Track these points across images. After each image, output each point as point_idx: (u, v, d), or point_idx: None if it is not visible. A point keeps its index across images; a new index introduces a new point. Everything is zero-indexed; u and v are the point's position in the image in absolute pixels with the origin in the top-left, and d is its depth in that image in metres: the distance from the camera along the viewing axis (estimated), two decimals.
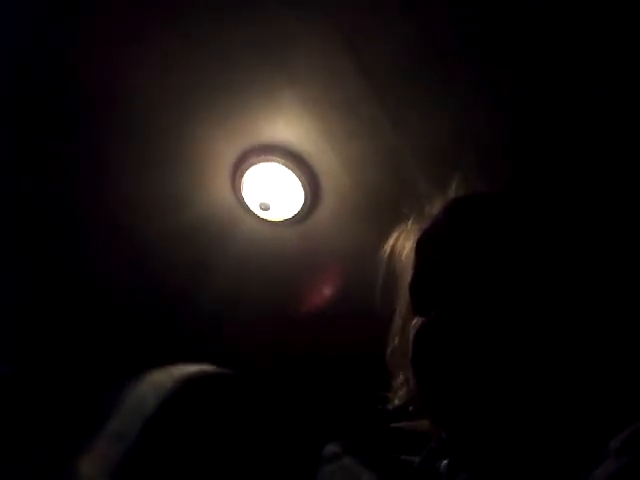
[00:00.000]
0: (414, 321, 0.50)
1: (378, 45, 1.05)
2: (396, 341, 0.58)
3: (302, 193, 1.34)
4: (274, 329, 1.59)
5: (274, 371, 1.44)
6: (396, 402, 0.56)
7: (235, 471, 0.43)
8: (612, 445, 0.33)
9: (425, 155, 1.20)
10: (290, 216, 1.39)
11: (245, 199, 1.36)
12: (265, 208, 1.35)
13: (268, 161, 1.29)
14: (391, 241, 0.64)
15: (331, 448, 0.50)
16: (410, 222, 0.62)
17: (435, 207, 0.58)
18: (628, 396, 0.40)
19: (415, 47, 1.05)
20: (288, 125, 1.21)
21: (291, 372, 1.58)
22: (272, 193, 1.34)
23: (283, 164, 1.29)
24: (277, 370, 1.51)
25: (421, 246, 0.54)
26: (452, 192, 0.60)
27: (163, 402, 0.40)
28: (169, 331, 1.61)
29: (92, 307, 1.60)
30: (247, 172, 1.31)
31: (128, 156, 1.30)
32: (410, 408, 0.55)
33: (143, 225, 1.42)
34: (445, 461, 0.47)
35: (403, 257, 0.60)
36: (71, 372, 1.60)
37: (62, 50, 1.13)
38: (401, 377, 0.57)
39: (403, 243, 0.61)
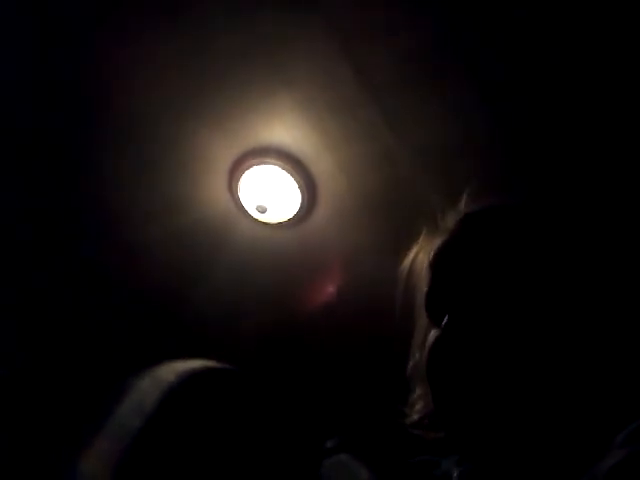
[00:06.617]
0: (429, 335, 0.51)
1: (375, 48, 1.07)
2: (417, 356, 0.59)
3: (299, 195, 1.34)
4: (272, 330, 1.59)
5: (271, 370, 1.43)
6: (414, 417, 0.57)
7: (237, 468, 0.43)
8: (617, 440, 0.35)
9: (422, 158, 1.21)
10: (287, 219, 1.39)
11: (242, 202, 1.37)
12: (262, 211, 1.35)
13: (265, 164, 1.29)
14: (410, 256, 0.65)
15: (329, 443, 0.51)
16: (423, 237, 0.63)
17: (448, 221, 0.59)
18: (634, 397, 0.41)
19: (412, 50, 1.06)
20: (285, 128, 1.22)
21: (289, 371, 1.58)
22: (269, 196, 1.35)
23: (280, 167, 1.29)
24: (274, 369, 1.51)
25: (436, 261, 0.55)
26: (463, 206, 0.61)
27: (164, 397, 0.40)
28: (168, 332, 1.61)
29: (92, 307, 1.60)
30: (244, 175, 1.31)
31: (126, 158, 1.30)
32: (425, 421, 0.55)
33: (141, 227, 1.42)
34: (457, 471, 0.48)
35: (422, 273, 0.61)
36: (72, 371, 1.59)
37: (62, 50, 1.13)
38: (419, 391, 0.58)
39: (421, 259, 0.62)
